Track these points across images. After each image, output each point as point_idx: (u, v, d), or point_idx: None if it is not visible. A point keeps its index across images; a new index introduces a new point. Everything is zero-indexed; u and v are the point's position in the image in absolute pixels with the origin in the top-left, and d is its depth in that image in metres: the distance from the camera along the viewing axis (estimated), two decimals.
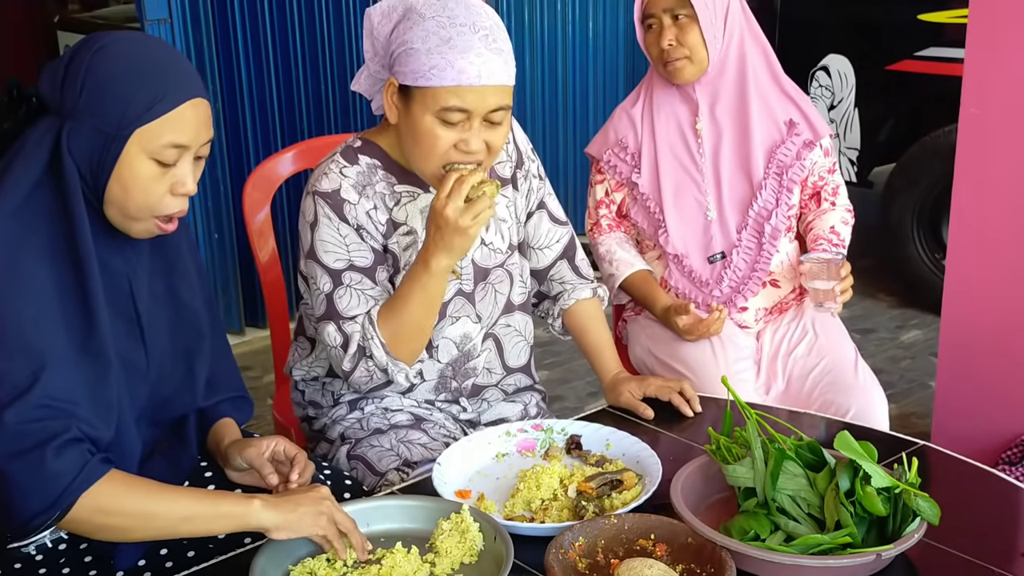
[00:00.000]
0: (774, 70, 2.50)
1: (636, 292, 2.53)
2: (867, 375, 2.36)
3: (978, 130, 2.72)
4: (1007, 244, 2.75)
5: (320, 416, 2.16)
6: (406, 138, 1.89)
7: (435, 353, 2.06)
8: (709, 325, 2.38)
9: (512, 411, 2.16)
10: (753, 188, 2.48)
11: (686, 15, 2.35)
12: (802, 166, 2.49)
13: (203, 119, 1.58)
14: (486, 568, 1.53)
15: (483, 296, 2.08)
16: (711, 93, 2.46)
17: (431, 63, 1.79)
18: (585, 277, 2.24)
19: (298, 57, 4.28)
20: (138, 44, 1.56)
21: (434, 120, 1.82)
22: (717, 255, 2.49)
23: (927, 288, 4.30)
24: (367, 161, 1.97)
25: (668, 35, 2.37)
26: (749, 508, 1.57)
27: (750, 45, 2.46)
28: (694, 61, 2.39)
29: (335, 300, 1.93)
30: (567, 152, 5.38)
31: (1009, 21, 2.62)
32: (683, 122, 2.49)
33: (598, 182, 2.59)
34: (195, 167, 1.60)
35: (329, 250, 1.93)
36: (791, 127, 2.48)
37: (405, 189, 1.98)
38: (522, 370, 2.19)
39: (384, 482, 1.95)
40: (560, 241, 2.22)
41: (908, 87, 4.40)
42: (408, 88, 1.84)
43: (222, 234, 4.29)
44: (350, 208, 1.93)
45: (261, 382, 3.98)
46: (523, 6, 4.99)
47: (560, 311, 2.22)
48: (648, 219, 2.52)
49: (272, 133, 4.30)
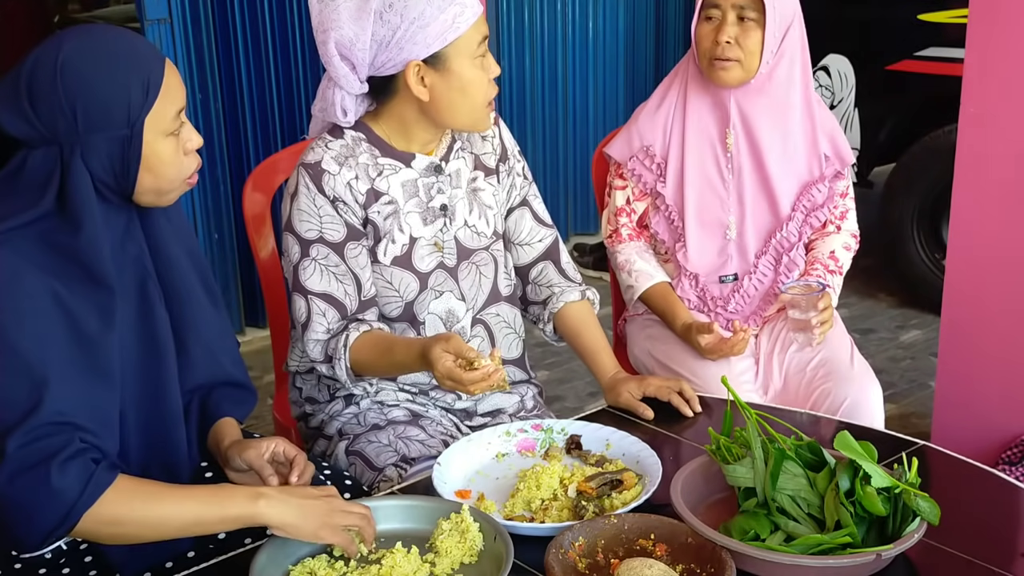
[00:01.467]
0: (816, 101, 2.44)
1: (655, 305, 2.47)
2: (862, 365, 2.35)
3: (978, 130, 2.72)
4: (1007, 244, 2.75)
5: (317, 412, 2.17)
6: (448, 101, 1.97)
7: (422, 329, 2.09)
8: (733, 345, 2.29)
9: (509, 402, 2.16)
10: (779, 217, 2.43)
11: (753, 18, 2.29)
12: (833, 205, 2.45)
13: (179, 77, 1.61)
14: (486, 568, 1.53)
15: (467, 274, 2.11)
16: (748, 105, 2.39)
17: (452, 15, 1.90)
18: (572, 280, 2.25)
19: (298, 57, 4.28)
20: (92, 41, 1.55)
21: (473, 63, 1.95)
22: (730, 276, 2.46)
23: (927, 288, 4.30)
24: (352, 135, 2.04)
25: (729, 32, 2.28)
26: (749, 508, 1.57)
27: (800, 73, 2.39)
28: (744, 67, 2.32)
29: (299, 271, 1.99)
30: (567, 152, 5.37)
31: (1009, 21, 2.62)
32: (713, 134, 2.42)
33: (619, 188, 2.52)
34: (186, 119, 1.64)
35: (303, 219, 1.99)
36: (828, 163, 2.43)
37: (388, 162, 2.04)
38: (516, 363, 2.20)
39: (383, 478, 1.96)
40: (543, 241, 2.24)
41: (908, 87, 4.40)
42: (437, 56, 1.93)
43: (222, 234, 4.29)
44: (328, 179, 1.98)
45: (261, 382, 3.98)
46: (523, 6, 4.99)
47: (550, 315, 2.22)
48: (669, 231, 2.47)
49: (272, 133, 4.29)
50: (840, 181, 2.48)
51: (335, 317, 2.00)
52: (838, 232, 2.49)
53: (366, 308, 2.03)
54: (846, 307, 4.52)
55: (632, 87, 5.48)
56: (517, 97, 5.07)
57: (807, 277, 2.42)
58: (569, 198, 5.39)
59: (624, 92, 5.44)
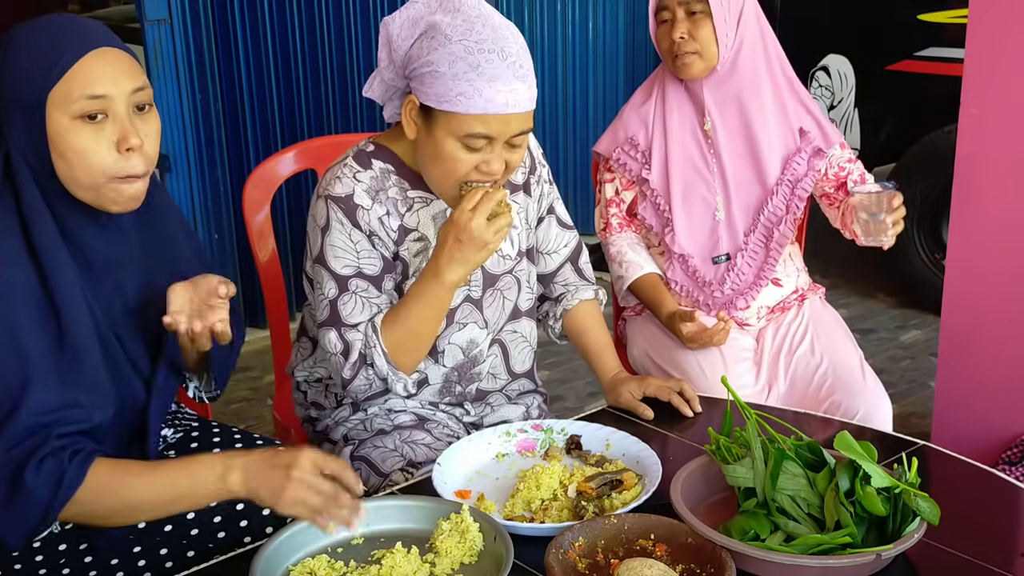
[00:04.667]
0: (790, 77, 2.50)
1: (643, 295, 2.52)
2: (873, 378, 2.36)
3: (978, 130, 2.72)
4: (1007, 244, 2.75)
5: (323, 417, 2.16)
6: (425, 156, 1.88)
7: (440, 358, 2.06)
8: (713, 335, 2.34)
9: (514, 413, 2.16)
10: (765, 193, 2.47)
11: (700, 10, 2.36)
12: (814, 176, 2.48)
13: (118, 66, 1.55)
14: (486, 568, 1.53)
15: (491, 303, 2.07)
16: (720, 93, 2.45)
17: (458, 89, 1.76)
18: (587, 279, 2.24)
19: (298, 57, 4.28)
20: (38, 22, 1.57)
21: (457, 144, 1.81)
22: (722, 256, 2.49)
23: (927, 288, 4.30)
24: (380, 166, 1.96)
25: (680, 28, 2.37)
26: (749, 508, 1.57)
27: (764, 50, 2.45)
28: (704, 57, 2.38)
29: (339, 306, 1.92)
30: (567, 152, 5.38)
31: (1009, 21, 2.62)
32: (692, 121, 2.48)
33: (607, 181, 2.58)
34: (140, 120, 1.57)
35: (339, 256, 1.92)
36: (803, 135, 2.47)
37: (418, 195, 1.97)
38: (526, 375, 2.19)
39: (388, 483, 1.94)
40: (568, 245, 2.22)
41: (908, 87, 4.40)
42: (431, 109, 1.81)
43: (222, 234, 4.29)
44: (363, 213, 1.91)
45: (261, 382, 3.98)
46: (523, 6, 5.00)
47: (563, 312, 2.21)
48: (657, 217, 2.51)
49: (272, 133, 4.30)
50: (840, 150, 2.51)
51: None
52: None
53: None
54: (846, 307, 4.52)
55: (632, 87, 5.47)
56: None
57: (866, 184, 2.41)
58: (569, 198, 5.39)
59: (624, 92, 5.44)
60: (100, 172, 1.54)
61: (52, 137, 1.52)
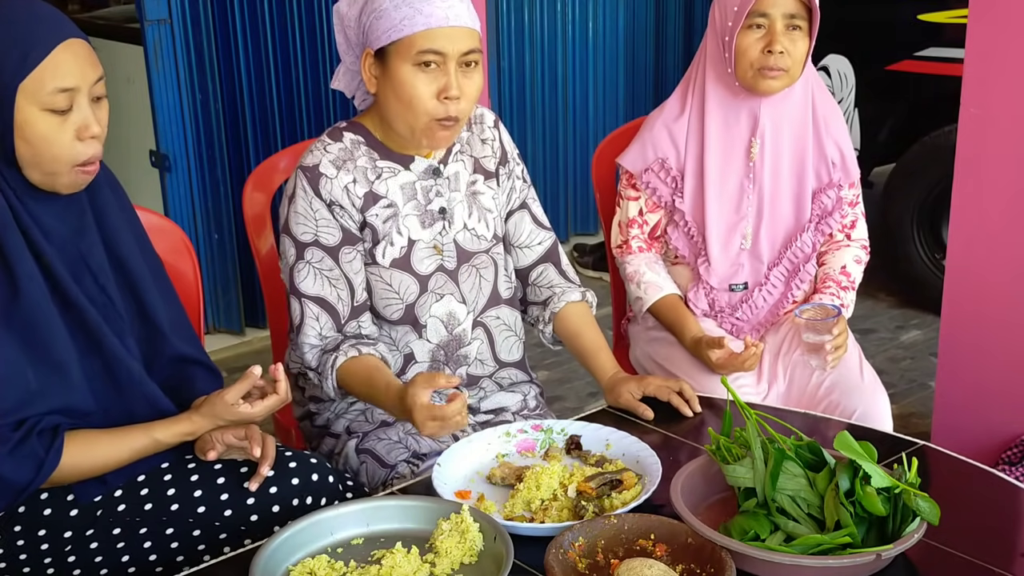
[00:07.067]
0: (831, 106, 2.41)
1: (665, 318, 2.43)
2: (871, 376, 2.35)
3: (978, 130, 2.72)
4: (1007, 244, 2.75)
5: (322, 411, 2.17)
6: (390, 102, 1.97)
7: (424, 332, 2.09)
8: (744, 360, 2.21)
9: (511, 400, 2.17)
10: (797, 228, 2.40)
11: (801, 26, 2.24)
12: (842, 213, 2.42)
13: (83, 58, 1.61)
14: (486, 568, 1.53)
15: (467, 277, 2.11)
16: (776, 114, 2.35)
17: (400, 15, 1.89)
18: (572, 281, 2.26)
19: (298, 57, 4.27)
20: (4, 6, 1.59)
21: (412, 70, 1.91)
22: (740, 285, 2.43)
23: (927, 288, 4.30)
24: (351, 137, 2.05)
25: (782, 41, 2.23)
26: (749, 508, 1.57)
27: (815, 75, 2.37)
28: (790, 76, 2.27)
29: (294, 273, 2.01)
30: (567, 152, 5.37)
31: (1009, 21, 2.62)
32: (736, 143, 2.37)
33: (631, 198, 2.46)
34: (96, 108, 1.63)
35: (300, 222, 2.01)
36: (834, 169, 2.40)
37: (387, 165, 2.05)
38: (516, 366, 2.21)
39: (395, 475, 1.97)
40: (542, 244, 2.24)
41: (908, 87, 4.39)
42: (383, 50, 1.93)
43: (222, 234, 4.29)
44: (325, 182, 1.99)
45: None
46: (523, 6, 4.99)
47: (551, 315, 2.21)
48: (690, 247, 2.43)
49: (272, 133, 4.29)
50: (848, 188, 2.45)
51: (328, 323, 2.02)
52: (848, 242, 2.46)
53: (359, 314, 2.04)
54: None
55: (632, 87, 5.48)
56: (517, 97, 5.07)
57: (820, 295, 2.38)
58: (569, 198, 5.38)
59: (624, 92, 5.43)
60: (64, 160, 1.61)
61: (19, 125, 1.57)
